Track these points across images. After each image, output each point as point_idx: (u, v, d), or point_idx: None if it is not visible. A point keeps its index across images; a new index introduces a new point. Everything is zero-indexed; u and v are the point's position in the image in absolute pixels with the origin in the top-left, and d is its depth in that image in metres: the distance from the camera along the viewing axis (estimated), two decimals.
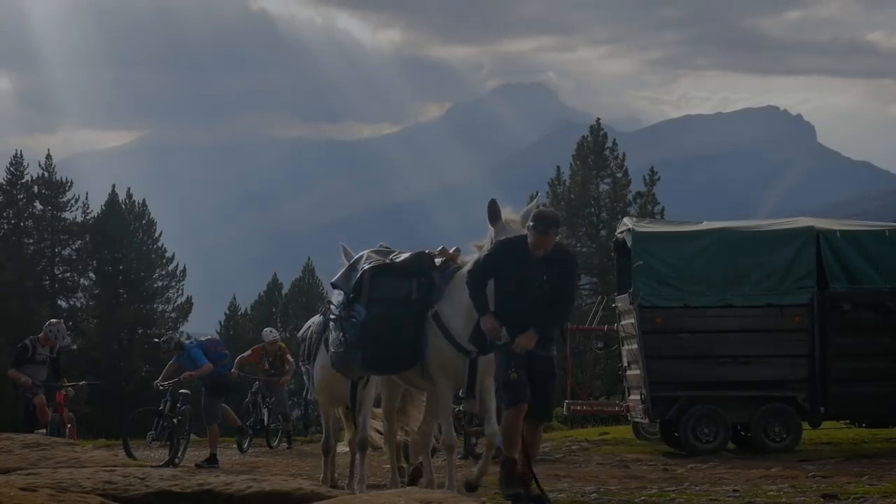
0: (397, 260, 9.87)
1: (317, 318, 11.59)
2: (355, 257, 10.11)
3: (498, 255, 8.77)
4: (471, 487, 9.54)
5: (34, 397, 14.92)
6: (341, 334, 9.73)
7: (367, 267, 9.76)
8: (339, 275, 10.10)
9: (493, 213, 9.22)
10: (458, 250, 9.79)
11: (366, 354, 9.52)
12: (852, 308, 15.33)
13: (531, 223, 8.72)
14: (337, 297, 10.00)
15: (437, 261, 9.79)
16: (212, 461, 15.80)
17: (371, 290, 9.63)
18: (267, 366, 20.14)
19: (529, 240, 8.66)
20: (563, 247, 9.34)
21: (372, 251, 10.09)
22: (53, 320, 16.01)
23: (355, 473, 10.75)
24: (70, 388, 15.71)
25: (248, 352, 20.63)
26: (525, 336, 8.50)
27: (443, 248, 9.86)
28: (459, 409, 16.18)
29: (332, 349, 9.95)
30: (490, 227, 9.23)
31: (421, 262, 9.75)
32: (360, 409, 10.55)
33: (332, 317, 9.96)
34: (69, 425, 15.26)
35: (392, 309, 9.53)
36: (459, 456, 16.38)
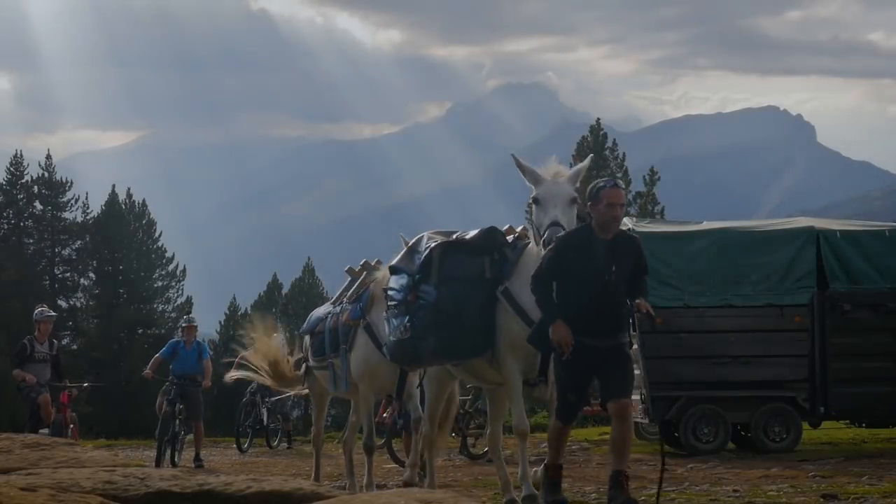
0: (466, 237, 9.12)
1: (322, 310, 11.12)
2: (414, 239, 9.39)
3: (561, 250, 8.06)
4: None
5: (38, 396, 14.85)
6: (406, 320, 8.80)
7: (434, 245, 9.00)
8: (397, 258, 9.36)
9: (534, 177, 8.59)
10: (525, 228, 9.20)
11: (438, 338, 8.63)
12: (852, 308, 15.32)
13: (599, 186, 8.10)
14: (397, 281, 9.15)
15: (509, 238, 9.14)
16: (199, 460, 15.80)
17: (441, 269, 8.84)
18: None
19: (596, 213, 8.03)
20: (624, 232, 8.67)
21: (433, 232, 9.39)
22: (38, 308, 15.80)
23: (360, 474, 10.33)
24: (74, 389, 15.65)
25: None
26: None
27: (509, 226, 9.30)
28: (465, 411, 16.16)
29: (392, 338, 9.02)
30: (532, 185, 8.54)
31: (492, 237, 9.01)
32: (408, 398, 10.08)
33: (391, 303, 9.06)
34: (72, 426, 15.22)
35: (465, 288, 8.74)
36: (458, 455, 16.37)
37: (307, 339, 11.32)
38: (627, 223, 16.67)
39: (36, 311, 15.56)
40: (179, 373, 16.22)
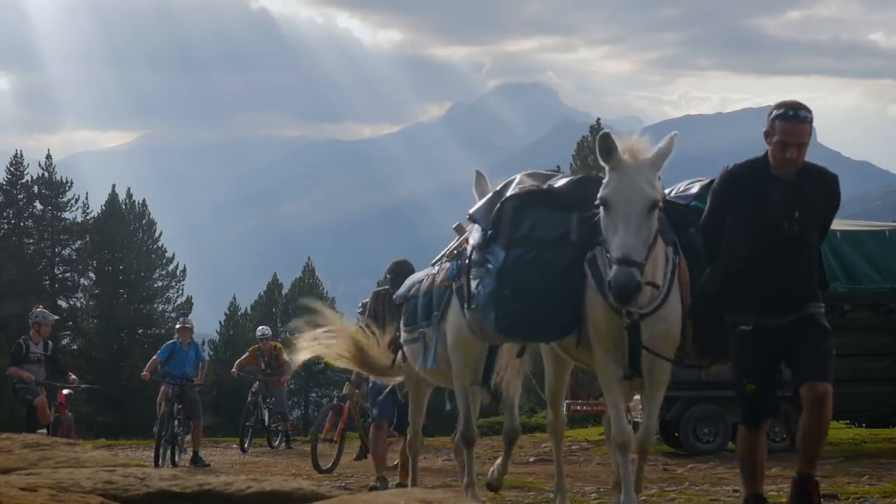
0: (555, 185, 7.32)
1: (421, 272, 9.32)
2: (506, 181, 7.60)
3: (728, 189, 6.45)
4: (492, 488, 8.67)
5: (35, 398, 14.87)
6: (477, 285, 7.27)
7: (510, 194, 7.31)
8: (479, 204, 7.62)
9: (608, 147, 6.54)
10: None
11: (500, 314, 7.02)
12: (852, 308, 15.33)
13: (774, 114, 6.27)
14: (475, 235, 7.54)
15: None
16: (198, 460, 15.85)
17: (513, 227, 7.13)
18: (263, 366, 20.14)
19: (770, 148, 6.33)
20: (814, 165, 6.48)
21: (526, 174, 7.62)
22: (35, 310, 15.85)
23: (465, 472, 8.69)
24: (70, 388, 15.64)
25: (246, 353, 20.68)
26: None
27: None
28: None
29: (469, 306, 7.49)
30: (605, 164, 6.61)
31: (586, 189, 7.02)
32: (507, 408, 8.52)
33: (467, 262, 7.53)
34: (70, 425, 15.25)
35: (541, 252, 6.99)
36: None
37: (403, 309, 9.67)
38: None
39: (33, 312, 15.54)
40: (177, 373, 16.29)
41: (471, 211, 7.63)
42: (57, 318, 15.73)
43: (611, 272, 6.28)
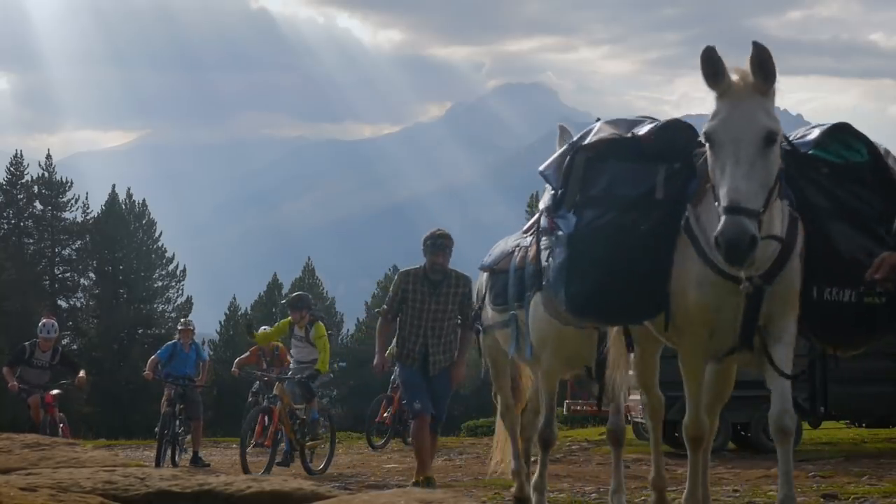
0: (639, 133, 6.06)
1: (511, 240, 7.93)
2: (584, 132, 6.43)
3: None
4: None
5: (28, 397, 14.94)
6: (547, 257, 6.25)
7: (582, 145, 6.13)
8: (550, 159, 6.44)
9: (714, 66, 5.29)
10: None
11: (572, 291, 5.88)
12: None
13: None
14: (545, 197, 6.56)
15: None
16: (198, 461, 15.87)
17: (586, 185, 5.94)
18: (265, 366, 20.13)
19: None
20: None
21: (606, 122, 6.37)
22: (46, 320, 15.94)
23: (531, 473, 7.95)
24: (59, 389, 15.51)
25: (247, 353, 20.67)
26: None
27: None
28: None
29: (540, 283, 6.52)
30: (711, 89, 5.36)
31: (675, 136, 5.97)
32: (612, 399, 7.51)
33: (537, 229, 6.52)
34: (61, 425, 15.16)
35: (620, 214, 5.81)
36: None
37: (483, 278, 8.52)
38: None
39: (41, 325, 15.61)
40: (178, 374, 16.30)
41: (541, 167, 6.41)
42: (54, 335, 15.68)
43: (719, 224, 5.02)
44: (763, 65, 5.18)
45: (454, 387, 10.31)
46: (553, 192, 6.18)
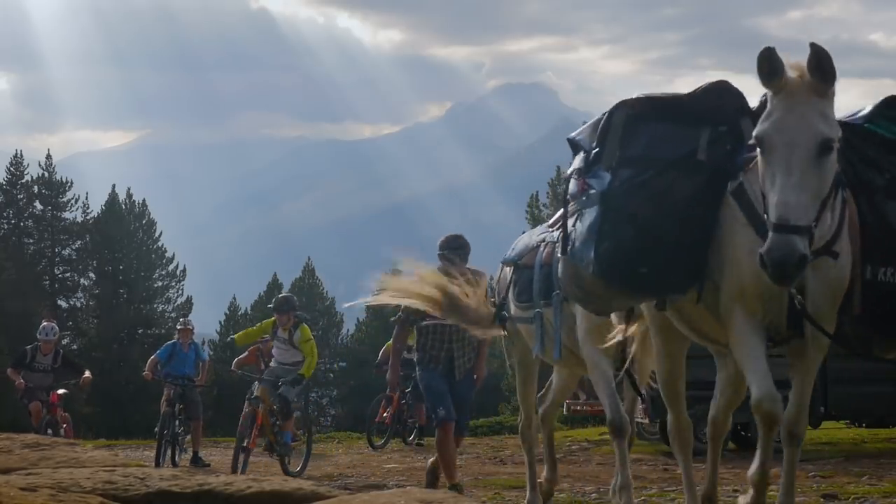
0: (677, 93, 5.78)
1: (536, 233, 7.74)
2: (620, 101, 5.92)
3: None
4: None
5: (30, 403, 14.98)
6: (574, 222, 5.71)
7: (620, 101, 5.76)
8: (583, 126, 6.04)
9: (773, 64, 5.00)
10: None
11: (602, 248, 5.41)
12: None
13: None
14: (575, 162, 5.93)
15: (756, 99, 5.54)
16: (198, 460, 15.87)
17: (624, 144, 5.51)
18: (263, 366, 20.12)
19: None
20: None
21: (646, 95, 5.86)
22: (47, 323, 16.02)
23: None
24: (64, 389, 15.59)
25: (245, 353, 20.64)
26: None
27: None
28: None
29: (562, 252, 5.92)
30: (766, 87, 5.09)
31: (721, 99, 5.60)
32: (674, 398, 7.09)
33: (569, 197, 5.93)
34: (65, 425, 15.21)
35: (659, 174, 5.41)
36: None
37: (506, 272, 8.15)
38: None
39: (41, 328, 15.66)
40: (177, 374, 16.30)
41: (572, 134, 6.00)
42: (54, 337, 15.69)
43: (766, 242, 4.74)
44: (821, 64, 4.90)
45: (478, 386, 10.08)
46: (585, 154, 5.74)
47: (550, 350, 7.30)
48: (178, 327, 17.47)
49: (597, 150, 5.61)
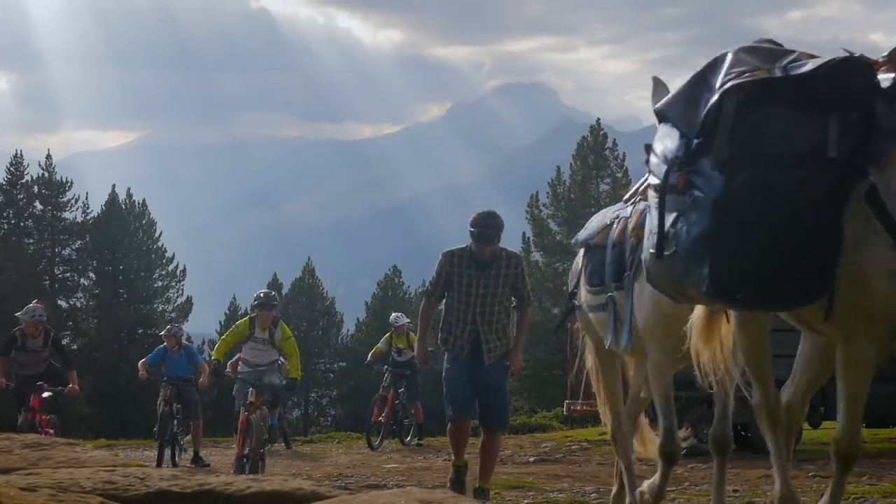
0: (802, 71, 4.71)
1: (610, 210, 7.07)
2: (709, 62, 5.07)
3: None
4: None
5: (23, 396, 14.51)
6: (674, 221, 4.84)
7: (731, 85, 4.71)
8: (669, 96, 5.16)
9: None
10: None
11: (718, 268, 4.63)
12: None
13: None
14: (664, 139, 5.06)
15: (885, 77, 4.72)
16: (199, 460, 15.84)
17: (737, 137, 4.63)
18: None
19: None
20: None
21: (742, 48, 4.99)
22: (30, 305, 15.18)
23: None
24: (51, 392, 14.75)
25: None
26: None
27: (880, 59, 4.85)
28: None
29: (647, 252, 5.11)
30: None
31: (850, 80, 4.69)
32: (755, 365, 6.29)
33: (653, 182, 5.08)
34: (51, 430, 13.93)
35: (784, 175, 4.59)
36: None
37: (579, 254, 7.44)
38: None
39: (25, 309, 14.80)
40: (173, 375, 16.26)
41: (657, 105, 5.16)
42: (40, 317, 14.79)
43: None
44: None
45: (511, 375, 9.17)
46: (684, 139, 4.84)
47: (621, 336, 6.55)
48: (162, 334, 17.33)
49: (700, 140, 4.72)
